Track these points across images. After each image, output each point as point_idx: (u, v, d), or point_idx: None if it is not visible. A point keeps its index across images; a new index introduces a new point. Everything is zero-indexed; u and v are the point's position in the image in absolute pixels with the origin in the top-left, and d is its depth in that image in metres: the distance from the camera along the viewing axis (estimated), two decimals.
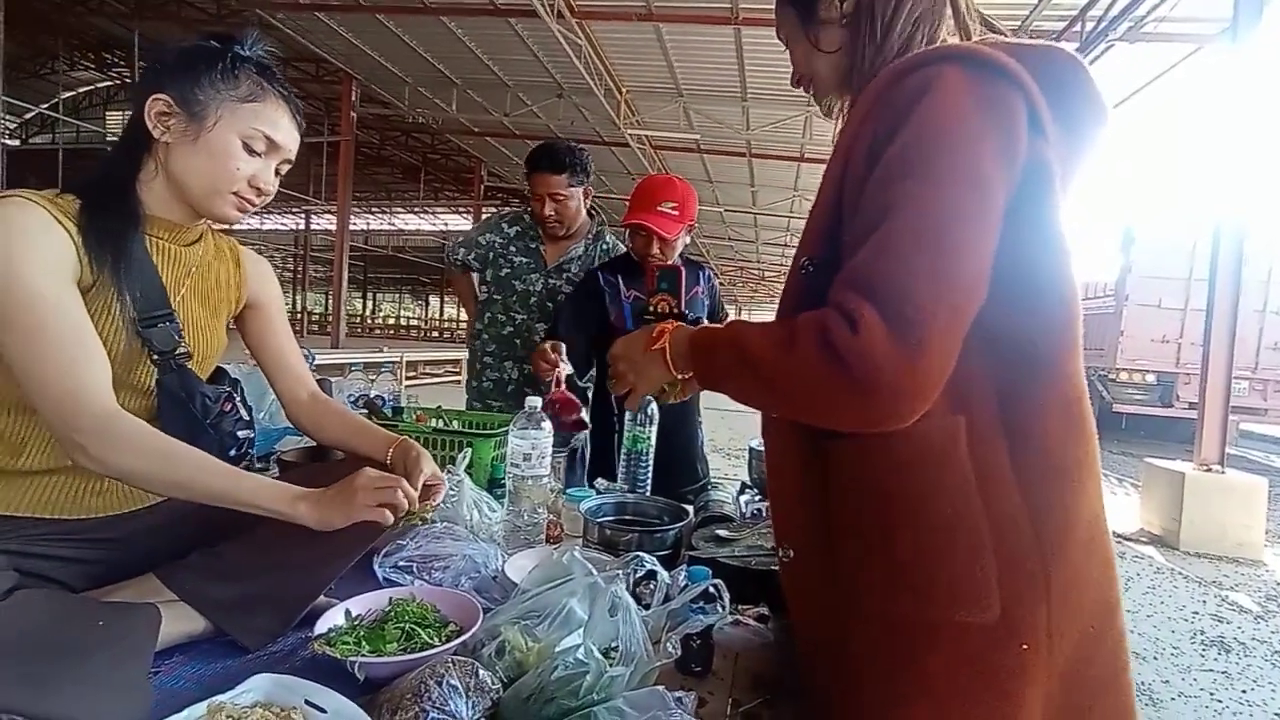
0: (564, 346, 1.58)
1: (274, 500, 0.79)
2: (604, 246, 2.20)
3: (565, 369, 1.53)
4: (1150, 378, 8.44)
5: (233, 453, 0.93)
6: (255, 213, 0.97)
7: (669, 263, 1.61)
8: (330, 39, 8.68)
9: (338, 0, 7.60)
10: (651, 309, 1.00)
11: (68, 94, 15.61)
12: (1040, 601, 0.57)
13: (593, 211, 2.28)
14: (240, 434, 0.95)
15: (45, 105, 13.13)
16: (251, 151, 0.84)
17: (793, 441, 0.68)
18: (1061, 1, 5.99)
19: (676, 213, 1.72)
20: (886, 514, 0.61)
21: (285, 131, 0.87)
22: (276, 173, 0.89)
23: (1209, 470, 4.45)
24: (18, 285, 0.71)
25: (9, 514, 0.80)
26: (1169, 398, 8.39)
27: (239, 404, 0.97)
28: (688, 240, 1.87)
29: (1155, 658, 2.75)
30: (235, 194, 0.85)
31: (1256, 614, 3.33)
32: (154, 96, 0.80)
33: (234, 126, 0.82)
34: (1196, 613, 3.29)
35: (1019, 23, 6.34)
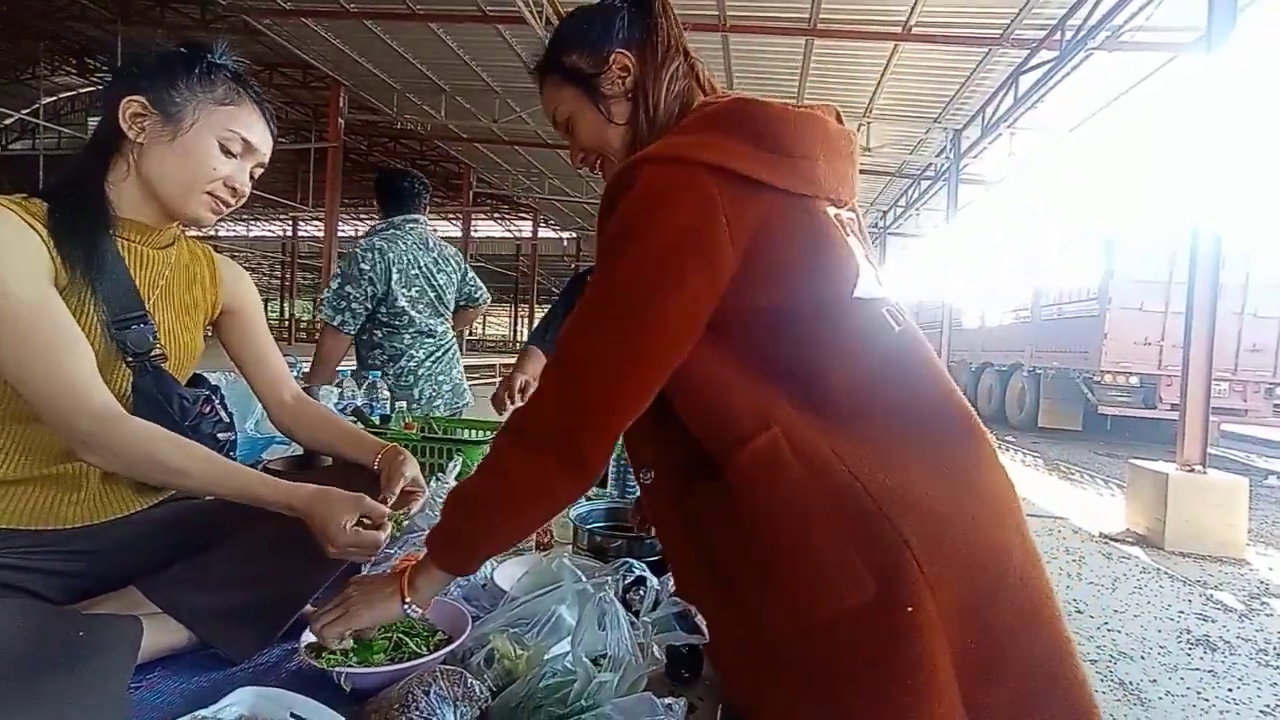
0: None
1: (274, 500, 0.80)
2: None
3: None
4: (1134, 380, 8.56)
5: None
6: (240, 219, 0.97)
7: None
8: (318, 45, 8.65)
9: (325, 6, 7.58)
10: None
11: (49, 99, 15.43)
12: (907, 562, 0.59)
13: None
14: (220, 436, 0.95)
15: (26, 111, 12.97)
16: (228, 153, 0.85)
17: (667, 503, 0.75)
18: (1042, 11, 6.10)
19: None
20: (754, 539, 0.65)
21: (260, 134, 0.88)
22: (251, 176, 0.90)
23: (1191, 471, 4.51)
24: (0, 293, 0.71)
25: (8, 527, 0.79)
26: (1152, 399, 8.51)
27: (218, 406, 0.96)
28: None
29: (1143, 657, 2.78)
30: (210, 194, 0.85)
31: (1241, 612, 3.38)
32: (129, 98, 0.81)
33: (211, 128, 0.83)
34: (1182, 611, 3.33)
35: (1000, 31, 6.45)
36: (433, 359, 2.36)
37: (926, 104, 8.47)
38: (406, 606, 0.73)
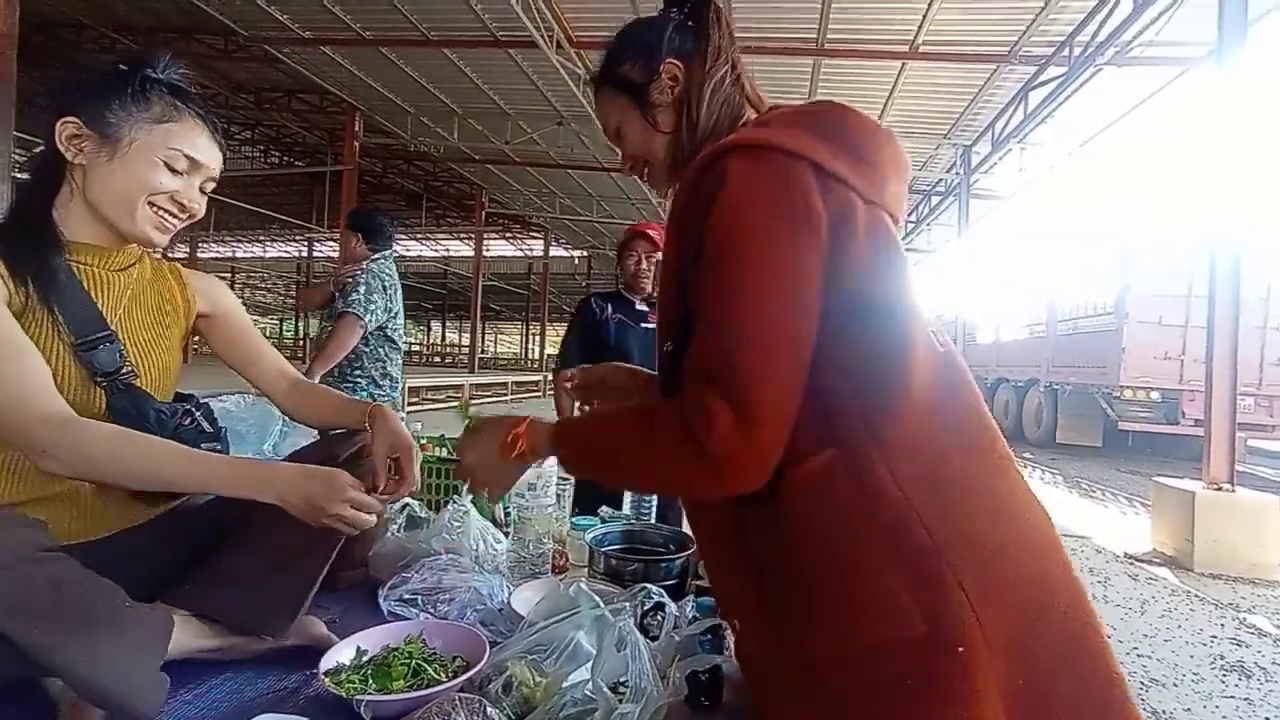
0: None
1: (255, 490, 0.78)
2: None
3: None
4: (1154, 395, 8.40)
5: None
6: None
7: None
8: (335, 72, 8.88)
9: (342, 35, 7.80)
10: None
11: None
12: (959, 600, 0.58)
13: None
14: (204, 446, 0.94)
15: None
16: (173, 171, 0.84)
17: (710, 518, 0.73)
18: (1049, 28, 6.13)
19: (659, 235, 2.16)
20: (796, 561, 0.64)
21: (204, 150, 0.87)
22: (202, 191, 0.89)
23: (1219, 489, 4.40)
24: None
25: None
26: (1174, 415, 8.34)
27: (200, 419, 0.97)
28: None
29: (1175, 684, 2.69)
30: (155, 212, 0.84)
31: (1276, 637, 3.26)
32: (63, 120, 0.80)
33: (151, 148, 0.82)
34: (1215, 636, 3.22)
35: (1008, 48, 6.48)
36: (399, 369, 2.77)
37: (935, 121, 8.50)
38: (534, 464, 0.78)
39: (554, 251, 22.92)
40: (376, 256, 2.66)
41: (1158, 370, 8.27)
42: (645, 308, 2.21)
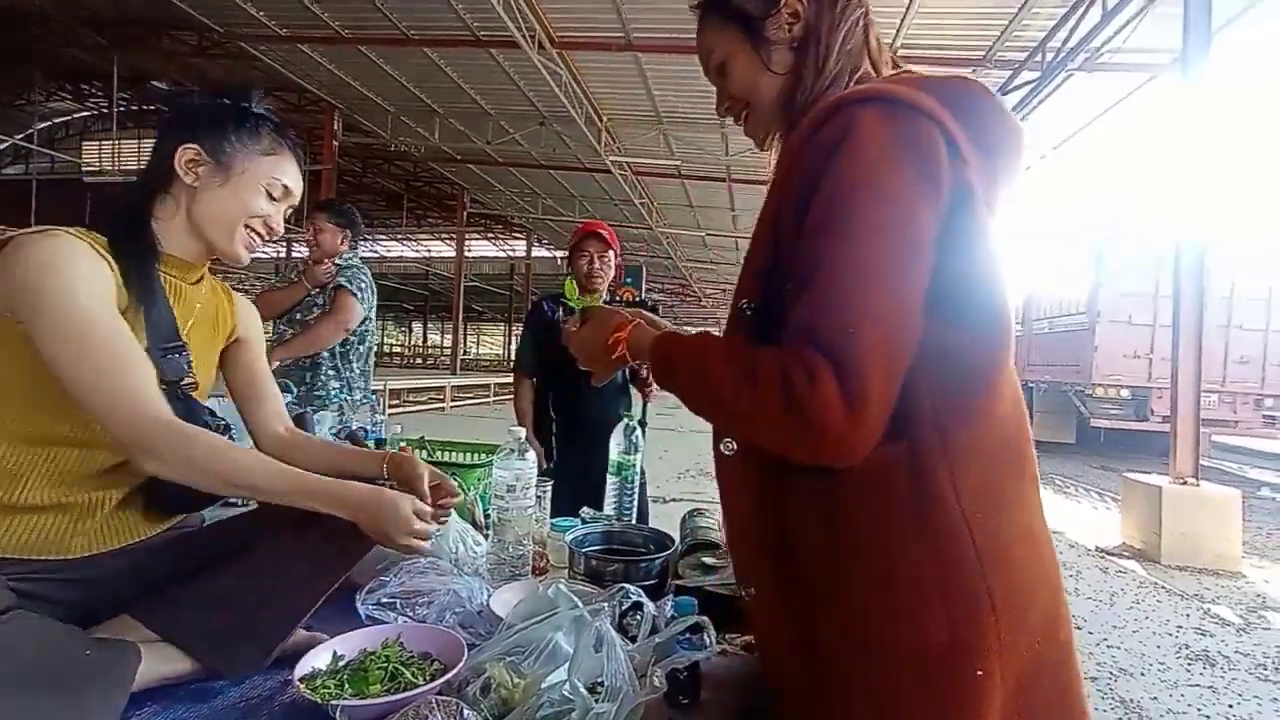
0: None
1: (330, 504, 0.83)
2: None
3: None
4: (1125, 392, 8.63)
5: None
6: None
7: (631, 263, 1.76)
8: (313, 70, 8.75)
9: (320, 33, 7.69)
10: (618, 298, 1.07)
11: (43, 124, 15.46)
12: (988, 621, 0.57)
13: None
14: None
15: (20, 136, 12.99)
16: (270, 198, 0.94)
17: (745, 481, 0.69)
18: (1022, 34, 6.27)
19: (609, 234, 2.20)
20: (832, 545, 0.62)
21: (295, 180, 0.97)
22: (285, 216, 0.99)
23: (1184, 483, 4.53)
24: (77, 310, 0.75)
25: (7, 555, 0.78)
26: (1144, 411, 8.57)
27: (233, 436, 0.98)
28: (613, 267, 2.25)
29: (1143, 674, 2.76)
30: (249, 233, 0.93)
31: (1238, 626, 3.37)
32: (184, 145, 0.88)
33: (258, 176, 0.92)
34: (1180, 627, 3.32)
35: (983, 53, 6.61)
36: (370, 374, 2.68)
37: None
38: (633, 364, 0.76)
39: (536, 252, 22.84)
40: (351, 253, 2.52)
41: (1128, 368, 8.50)
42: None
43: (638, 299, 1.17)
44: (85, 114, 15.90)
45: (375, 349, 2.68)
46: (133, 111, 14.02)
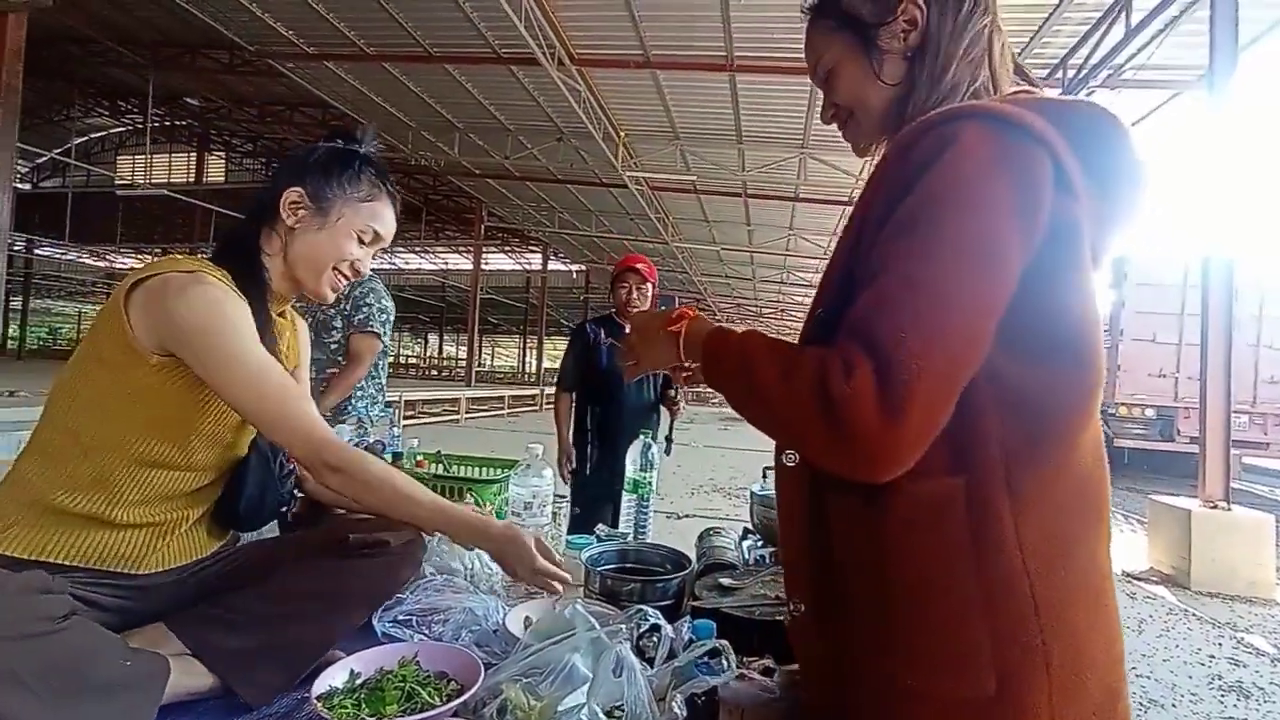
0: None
1: (470, 535, 0.90)
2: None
3: None
4: (1150, 412, 8.43)
5: (283, 510, 1.01)
6: None
7: (664, 294, 1.83)
8: (337, 86, 8.97)
9: (345, 50, 7.89)
10: None
11: (80, 139, 16.01)
12: (1040, 679, 0.54)
13: None
14: (296, 494, 1.04)
15: (58, 150, 13.45)
16: (361, 243, 0.97)
17: (800, 495, 0.67)
18: (1043, 51, 6.24)
19: (646, 268, 2.49)
20: (879, 575, 0.59)
21: (388, 226, 1.00)
22: (373, 256, 1.02)
23: (1215, 507, 4.40)
24: (253, 358, 0.82)
25: (66, 563, 0.80)
26: (1170, 432, 8.36)
27: (295, 466, 1.04)
28: (650, 297, 2.52)
29: (1174, 705, 2.66)
30: (336, 275, 0.97)
31: (1273, 656, 3.24)
32: (291, 188, 0.92)
33: (353, 222, 0.95)
34: (1213, 656, 3.20)
35: None
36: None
37: None
38: (687, 360, 0.72)
39: (552, 265, 23.01)
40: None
41: (1152, 388, 8.31)
42: None
43: None
44: (120, 129, 16.43)
45: (392, 359, 2.73)
46: (165, 127, 14.45)
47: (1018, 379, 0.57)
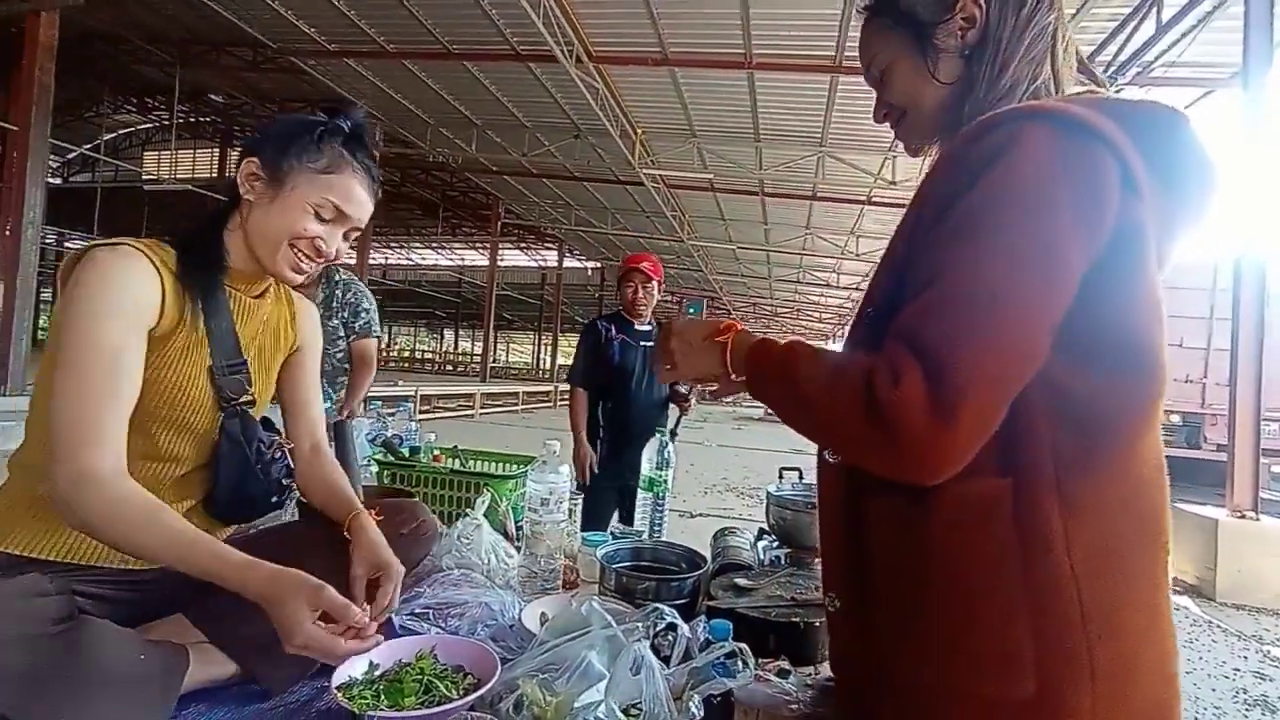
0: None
1: (231, 585, 0.73)
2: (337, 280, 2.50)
3: None
4: (1175, 419, 8.25)
5: (274, 499, 0.97)
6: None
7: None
8: (357, 83, 9.07)
9: (366, 48, 7.97)
10: None
11: (109, 135, 16.36)
12: (1084, 686, 0.53)
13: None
14: (285, 482, 0.99)
15: (88, 146, 13.76)
16: (320, 218, 0.88)
17: (840, 490, 0.66)
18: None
19: (651, 267, 2.50)
20: (921, 574, 0.58)
21: (357, 203, 0.90)
22: (346, 238, 0.93)
23: (1243, 517, 4.29)
24: (81, 331, 0.75)
25: (65, 560, 0.81)
26: (1196, 439, 8.17)
27: (288, 453, 1.01)
28: (656, 295, 2.53)
29: (1197, 718, 2.61)
30: (295, 253, 0.88)
31: None
32: (249, 159, 0.87)
33: (307, 195, 0.87)
34: (1238, 669, 3.13)
35: None
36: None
37: None
38: (732, 373, 0.69)
39: (568, 262, 23.08)
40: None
41: (1179, 393, 8.12)
42: (647, 327, 2.50)
43: None
44: (147, 126, 16.75)
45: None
46: (190, 123, 14.72)
47: (1072, 384, 0.56)
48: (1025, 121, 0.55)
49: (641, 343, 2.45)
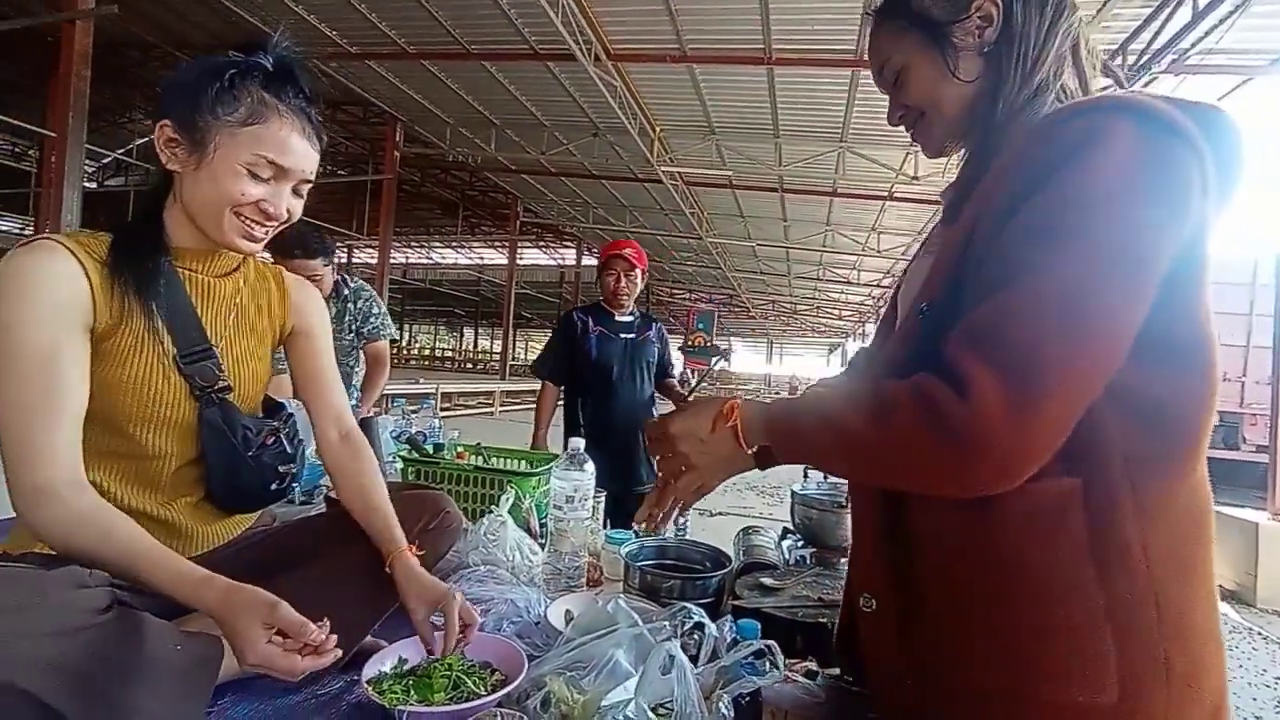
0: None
1: (187, 600, 0.72)
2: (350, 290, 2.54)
3: None
4: (1213, 418, 7.99)
5: (273, 486, 0.95)
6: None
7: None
8: (377, 84, 9.18)
9: (386, 49, 8.06)
10: (690, 344, 1.02)
11: (141, 140, 16.78)
12: (1160, 689, 0.53)
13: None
14: (281, 468, 0.95)
15: (121, 151, 14.14)
16: (257, 178, 0.77)
17: (878, 499, 0.65)
18: (1101, 36, 5.94)
19: (634, 253, 2.34)
20: (984, 578, 0.57)
21: (294, 153, 0.79)
22: (297, 193, 0.83)
23: None
24: (4, 344, 0.70)
25: None
26: (1234, 439, 7.90)
27: (283, 438, 0.96)
28: (639, 283, 2.38)
29: None
30: (242, 221, 0.79)
31: None
32: (160, 124, 0.76)
33: (235, 154, 0.75)
34: (1278, 678, 3.02)
35: None
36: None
37: None
38: (748, 447, 0.67)
39: (586, 261, 23.11)
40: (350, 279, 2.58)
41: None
42: (629, 318, 2.36)
43: (708, 344, 1.16)
44: None
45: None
46: None
47: (1141, 385, 0.55)
48: (1107, 115, 0.54)
49: (622, 335, 2.31)
